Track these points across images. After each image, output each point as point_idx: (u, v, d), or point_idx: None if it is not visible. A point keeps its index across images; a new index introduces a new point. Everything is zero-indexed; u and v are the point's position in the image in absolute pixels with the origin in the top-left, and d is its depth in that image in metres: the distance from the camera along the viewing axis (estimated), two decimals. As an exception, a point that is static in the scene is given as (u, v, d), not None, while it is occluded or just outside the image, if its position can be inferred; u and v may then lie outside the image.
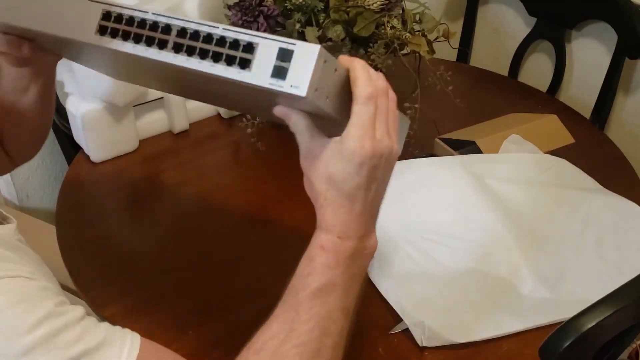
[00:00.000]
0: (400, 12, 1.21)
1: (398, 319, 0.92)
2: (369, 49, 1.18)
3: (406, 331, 0.91)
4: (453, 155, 1.21)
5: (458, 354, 0.88)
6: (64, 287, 0.77)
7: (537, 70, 1.74)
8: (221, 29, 0.59)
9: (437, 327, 0.88)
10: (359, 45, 1.20)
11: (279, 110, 0.63)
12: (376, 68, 1.18)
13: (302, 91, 0.56)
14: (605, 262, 1.01)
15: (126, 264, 1.01)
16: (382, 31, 1.18)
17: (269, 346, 0.62)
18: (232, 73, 0.58)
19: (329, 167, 0.61)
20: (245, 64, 0.58)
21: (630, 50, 1.46)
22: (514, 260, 1.00)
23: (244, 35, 0.58)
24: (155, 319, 0.94)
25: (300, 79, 0.56)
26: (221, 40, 0.59)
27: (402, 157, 1.20)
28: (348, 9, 1.18)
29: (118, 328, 0.65)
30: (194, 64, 0.60)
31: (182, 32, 0.60)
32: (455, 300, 0.95)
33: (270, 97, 0.61)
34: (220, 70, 0.59)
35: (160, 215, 1.15)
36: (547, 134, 1.28)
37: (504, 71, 1.70)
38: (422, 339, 0.88)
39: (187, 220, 1.13)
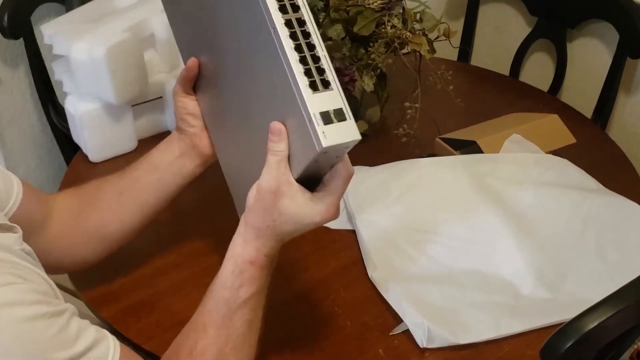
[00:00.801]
0: (401, 11, 1.21)
1: (398, 320, 0.92)
2: (369, 48, 1.18)
3: (407, 332, 0.90)
4: (454, 155, 1.21)
5: (458, 354, 0.88)
6: (64, 287, 0.77)
7: (539, 70, 1.74)
8: (323, 54, 0.66)
9: (438, 328, 0.88)
10: (359, 45, 1.20)
11: (277, 126, 0.70)
12: (376, 67, 1.18)
13: (323, 142, 0.63)
14: (606, 262, 1.01)
15: (126, 264, 1.00)
16: (383, 30, 1.18)
17: (211, 349, 0.73)
18: (301, 80, 0.64)
19: (291, 211, 0.70)
20: (313, 87, 0.65)
21: (632, 50, 1.46)
22: (515, 261, 0.99)
23: (330, 76, 0.66)
24: (155, 319, 0.94)
25: (331, 136, 0.63)
26: (316, 58, 0.66)
27: (403, 157, 1.20)
28: (348, 8, 1.17)
29: (97, 327, 0.67)
30: (287, 44, 0.65)
31: (300, 22, 0.67)
32: (455, 300, 0.94)
33: (289, 115, 0.68)
34: (296, 69, 0.65)
35: (160, 215, 1.15)
36: (548, 133, 1.28)
37: (505, 70, 1.70)
38: (422, 340, 0.88)
39: (186, 220, 1.13)
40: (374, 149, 1.29)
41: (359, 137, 0.65)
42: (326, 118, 0.64)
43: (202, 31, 0.86)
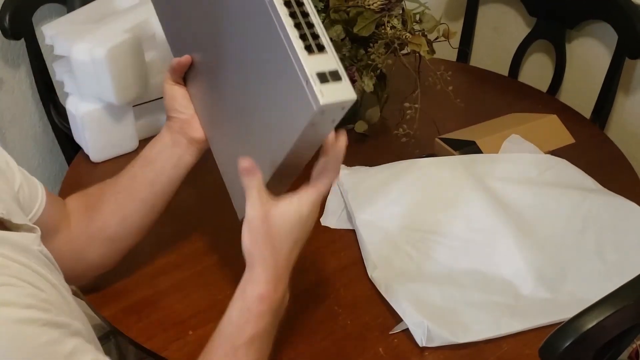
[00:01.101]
0: (401, 12, 1.21)
1: (398, 319, 0.92)
2: (369, 49, 1.18)
3: (406, 331, 0.91)
4: (453, 155, 1.21)
5: (458, 354, 0.88)
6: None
7: (537, 70, 1.74)
8: (317, 21, 0.68)
9: (437, 327, 0.88)
10: (359, 45, 1.20)
11: (244, 164, 0.71)
12: (376, 68, 1.18)
13: (320, 100, 0.64)
14: (605, 262, 1.01)
15: (127, 263, 1.01)
16: (382, 31, 1.18)
17: None
18: (297, 43, 0.66)
19: (285, 227, 0.73)
20: (309, 49, 0.66)
21: (631, 50, 1.46)
22: (514, 260, 1.00)
23: (324, 41, 0.68)
24: (155, 319, 0.94)
25: (327, 94, 0.64)
26: (310, 24, 0.68)
27: (403, 157, 1.21)
28: (348, 9, 1.18)
29: (103, 356, 0.66)
30: (282, 11, 0.67)
31: None
32: (455, 300, 0.95)
33: (284, 83, 0.68)
34: (292, 33, 0.66)
35: (162, 213, 1.15)
36: (547, 134, 1.28)
37: (504, 71, 1.70)
38: (422, 339, 0.88)
39: (187, 220, 1.13)
40: (374, 149, 1.29)
41: (354, 96, 0.66)
42: (322, 78, 0.65)
43: (193, 17, 0.86)
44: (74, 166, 1.27)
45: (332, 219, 1.11)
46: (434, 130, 1.28)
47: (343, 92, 0.65)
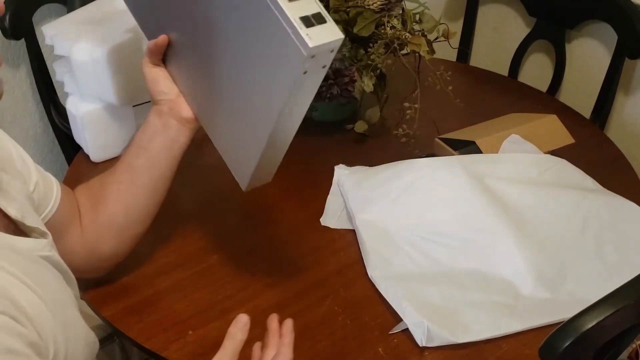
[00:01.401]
0: (400, 12, 1.21)
1: (398, 319, 0.92)
2: (369, 49, 1.18)
3: (406, 331, 0.91)
4: (453, 155, 1.21)
5: (458, 354, 0.89)
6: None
7: (537, 70, 1.74)
8: None
9: (437, 327, 0.88)
10: (359, 45, 1.20)
11: (243, 319, 0.76)
12: (376, 68, 1.18)
13: (309, 43, 0.62)
14: (605, 262, 1.01)
15: (127, 263, 1.01)
16: (382, 31, 1.18)
17: None
18: None
19: None
20: None
21: (630, 50, 1.46)
22: (514, 260, 1.00)
23: None
24: (155, 319, 0.94)
25: (315, 37, 0.62)
26: None
27: (402, 157, 1.21)
28: (348, 9, 1.18)
29: None
30: None
31: None
32: (455, 300, 0.95)
33: (268, 38, 0.67)
34: None
35: (160, 215, 1.15)
36: (547, 134, 1.28)
37: (504, 71, 1.70)
38: (422, 339, 0.88)
39: (187, 220, 1.13)
40: (373, 149, 1.29)
41: (341, 35, 0.65)
42: (307, 21, 0.64)
43: None
44: (74, 166, 1.27)
45: (332, 219, 1.11)
46: (434, 130, 1.28)
47: (330, 33, 0.64)
